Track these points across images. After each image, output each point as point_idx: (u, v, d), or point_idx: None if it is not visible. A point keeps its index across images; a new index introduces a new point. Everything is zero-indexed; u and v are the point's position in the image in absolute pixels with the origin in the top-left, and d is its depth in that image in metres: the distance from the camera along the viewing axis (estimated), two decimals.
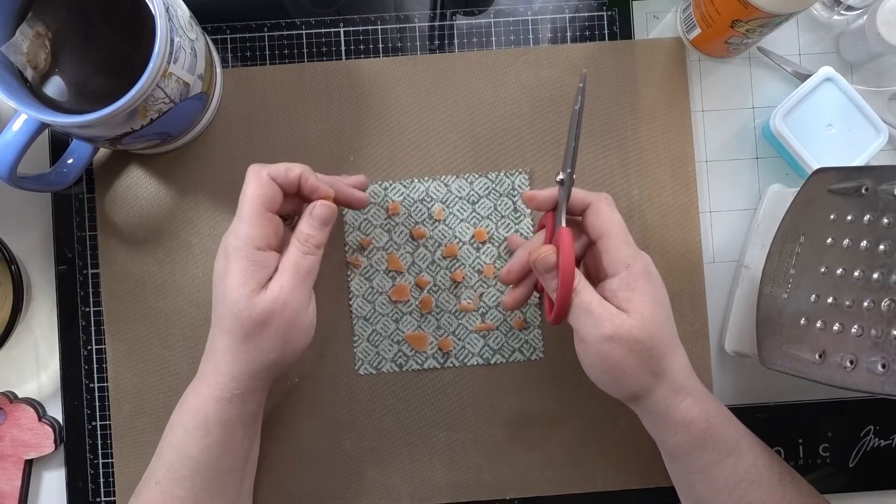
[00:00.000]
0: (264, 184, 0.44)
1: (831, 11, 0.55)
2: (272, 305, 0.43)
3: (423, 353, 0.54)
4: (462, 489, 0.54)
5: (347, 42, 0.56)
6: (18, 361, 0.54)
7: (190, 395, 0.46)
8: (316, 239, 0.45)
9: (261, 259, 0.44)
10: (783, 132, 0.52)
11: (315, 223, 0.46)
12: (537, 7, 0.56)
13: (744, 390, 0.55)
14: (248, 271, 0.43)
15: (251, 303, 0.43)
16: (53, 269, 0.54)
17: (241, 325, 0.43)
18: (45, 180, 0.50)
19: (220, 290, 0.44)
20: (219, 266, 0.45)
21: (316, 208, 0.46)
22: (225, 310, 0.43)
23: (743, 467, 0.44)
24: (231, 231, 0.44)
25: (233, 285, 0.43)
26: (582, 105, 0.45)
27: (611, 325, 0.42)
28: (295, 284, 0.44)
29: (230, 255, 0.44)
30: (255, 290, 0.43)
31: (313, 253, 0.45)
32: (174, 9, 0.44)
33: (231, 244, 0.44)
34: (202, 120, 0.53)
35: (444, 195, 0.55)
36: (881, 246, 0.41)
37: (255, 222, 0.44)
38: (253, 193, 0.44)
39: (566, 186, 0.45)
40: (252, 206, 0.44)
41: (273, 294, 0.43)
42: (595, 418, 0.54)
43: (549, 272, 0.44)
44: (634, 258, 0.45)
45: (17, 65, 0.44)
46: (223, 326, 0.44)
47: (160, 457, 0.45)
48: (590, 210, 0.46)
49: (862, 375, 0.39)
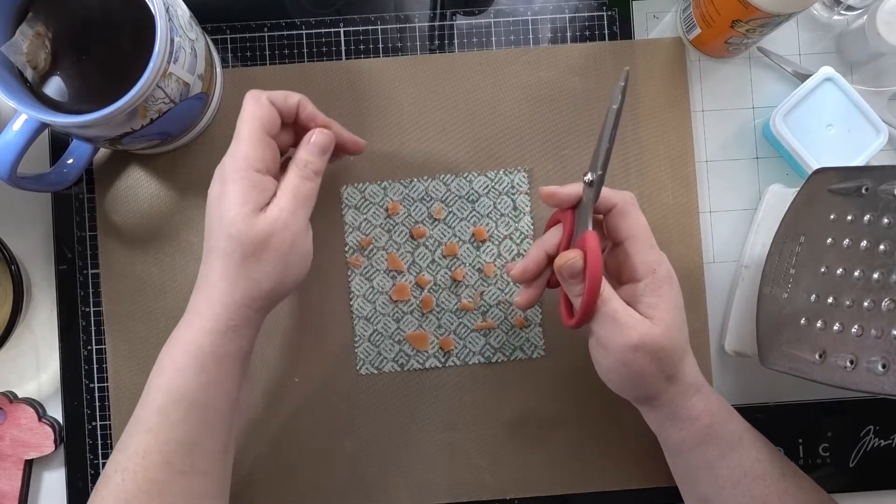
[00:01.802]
0: (264, 107, 0.43)
1: (831, 11, 0.55)
2: (272, 226, 0.41)
3: (424, 353, 0.54)
4: (462, 489, 0.54)
5: (347, 42, 0.56)
6: (18, 361, 0.54)
7: (181, 331, 0.43)
8: (314, 165, 0.44)
9: (260, 181, 0.42)
10: (783, 132, 0.52)
11: (314, 149, 0.45)
12: (537, 7, 0.56)
13: (744, 390, 0.55)
14: (247, 192, 0.41)
15: (250, 222, 0.41)
16: (53, 269, 0.54)
17: (240, 245, 0.41)
18: (45, 180, 0.50)
19: (215, 214, 0.42)
20: (213, 190, 0.43)
21: (314, 135, 0.45)
22: (221, 232, 0.41)
23: (747, 462, 0.45)
24: (228, 154, 0.43)
25: (231, 206, 0.41)
26: (622, 104, 0.42)
27: (637, 334, 0.42)
28: (295, 208, 0.43)
29: (227, 176, 0.42)
30: (254, 211, 0.41)
31: (312, 179, 0.44)
32: (174, 9, 0.44)
33: (228, 166, 0.42)
34: (202, 120, 0.53)
35: (444, 194, 0.55)
36: (881, 246, 0.41)
37: (254, 144, 0.42)
38: (252, 115, 0.43)
39: (595, 188, 0.44)
40: (251, 128, 0.43)
41: (273, 215, 0.42)
42: (595, 418, 0.54)
43: (574, 278, 0.43)
44: (659, 262, 0.44)
45: (17, 65, 0.44)
46: (218, 251, 0.42)
47: (148, 403, 0.42)
48: (616, 212, 0.45)
49: (862, 375, 0.39)
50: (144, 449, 0.41)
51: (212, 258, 0.42)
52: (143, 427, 0.41)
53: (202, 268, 0.43)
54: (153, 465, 0.40)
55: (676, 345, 0.43)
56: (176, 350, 0.42)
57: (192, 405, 0.41)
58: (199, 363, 0.41)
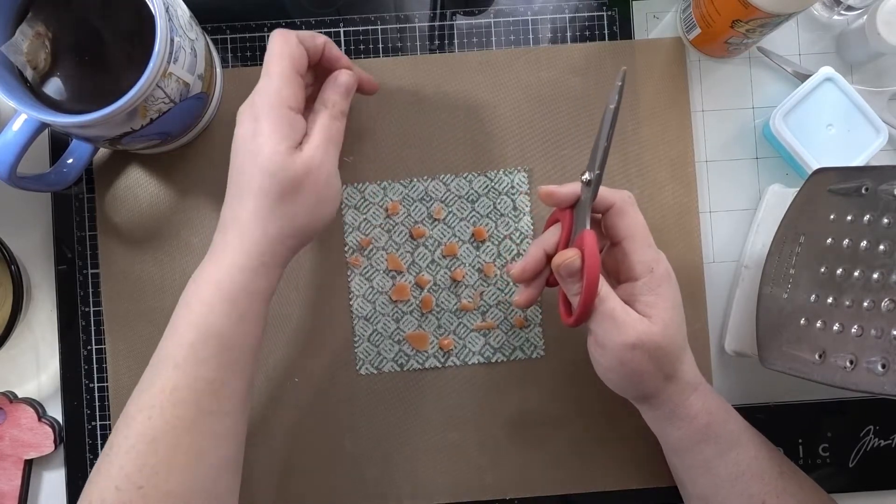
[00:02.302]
0: (293, 45, 0.43)
1: (831, 11, 0.55)
2: (309, 163, 0.42)
3: (423, 353, 0.54)
4: (462, 489, 0.54)
5: (347, 42, 0.56)
6: (18, 361, 0.54)
7: (208, 269, 0.42)
8: (341, 105, 0.45)
9: (293, 119, 0.42)
10: (783, 132, 0.52)
11: (340, 89, 0.45)
12: (537, 7, 0.56)
13: (744, 390, 0.55)
14: (282, 130, 0.41)
15: (289, 160, 0.41)
16: (53, 269, 0.54)
17: (279, 182, 0.41)
18: (45, 180, 0.50)
19: (249, 151, 0.42)
20: (244, 128, 0.42)
21: (341, 76, 0.45)
22: (256, 169, 0.41)
23: (744, 460, 0.45)
24: (258, 91, 0.43)
25: (267, 143, 0.41)
26: (619, 104, 0.42)
27: (634, 333, 0.42)
28: (327, 147, 0.43)
29: (260, 114, 0.42)
30: (290, 148, 0.41)
31: (339, 119, 0.45)
32: (174, 9, 0.44)
33: (261, 103, 0.42)
34: (202, 120, 0.53)
35: (444, 194, 0.55)
36: (881, 246, 0.41)
37: (286, 81, 0.42)
38: (282, 52, 0.43)
39: (593, 187, 0.44)
40: (282, 65, 0.42)
41: (309, 153, 0.42)
42: (595, 418, 0.54)
43: (572, 277, 0.43)
44: (657, 261, 0.44)
45: (17, 65, 0.44)
46: (253, 187, 0.41)
47: (175, 337, 0.41)
48: (614, 211, 0.45)
49: (862, 375, 0.39)
50: (173, 385, 0.40)
51: (243, 196, 0.42)
52: (170, 363, 0.41)
53: (229, 208, 0.43)
54: (181, 402, 0.40)
55: (674, 343, 0.44)
56: (205, 288, 0.42)
57: (222, 342, 0.41)
58: (230, 299, 0.41)
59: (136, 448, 0.39)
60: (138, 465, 0.39)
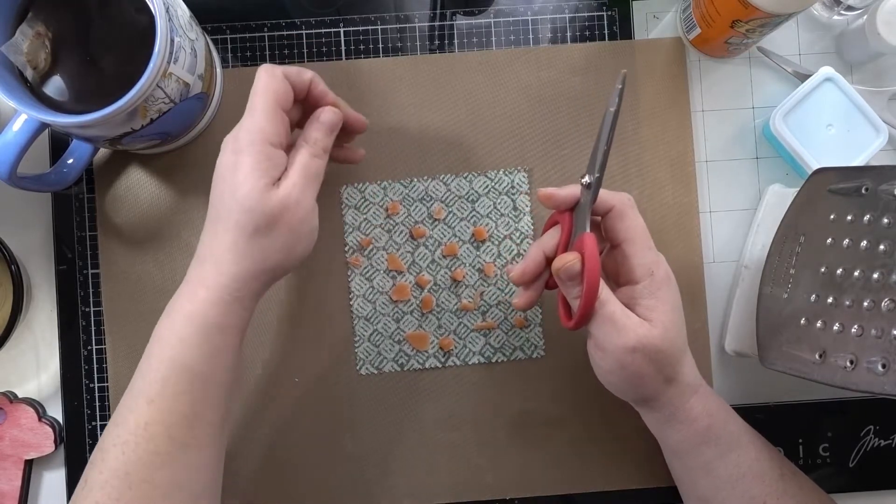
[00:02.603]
0: (279, 80, 0.43)
1: (831, 11, 0.55)
2: (285, 201, 0.42)
3: (424, 353, 0.54)
4: (462, 489, 0.54)
5: (347, 42, 0.56)
6: (18, 361, 0.54)
7: (181, 302, 0.42)
8: (323, 143, 0.45)
9: (274, 155, 0.42)
10: (783, 132, 0.52)
11: (323, 127, 0.45)
12: (537, 7, 0.56)
13: (744, 390, 0.55)
14: (262, 166, 0.41)
15: (265, 196, 0.41)
16: (53, 269, 0.54)
17: (253, 218, 0.41)
18: (45, 180, 0.50)
19: (227, 185, 0.42)
20: (225, 160, 0.42)
21: (324, 113, 0.45)
22: (234, 203, 0.41)
23: (745, 462, 0.45)
24: (242, 126, 0.42)
25: (246, 179, 0.41)
26: (619, 107, 0.42)
27: (635, 337, 0.42)
28: (305, 185, 0.43)
29: (243, 148, 0.42)
30: (268, 185, 0.41)
31: (321, 157, 0.44)
32: (174, 9, 0.44)
33: (244, 138, 0.42)
34: (202, 120, 0.53)
35: (444, 194, 0.55)
36: (881, 246, 0.41)
37: (269, 117, 0.42)
38: (267, 88, 0.43)
39: (593, 190, 0.44)
40: (266, 101, 0.42)
41: (286, 191, 0.42)
42: (596, 418, 0.54)
43: (572, 280, 0.43)
44: (657, 263, 0.44)
45: (17, 65, 0.44)
46: (229, 222, 0.42)
47: (149, 373, 0.41)
48: (614, 214, 0.45)
49: (862, 375, 0.39)
50: (146, 420, 0.40)
51: (219, 230, 0.42)
52: (143, 398, 0.41)
53: (206, 238, 0.43)
54: (155, 437, 0.40)
55: (674, 346, 0.44)
56: (178, 321, 0.42)
57: (195, 376, 0.41)
58: (203, 334, 0.41)
59: (109, 483, 0.40)
60: (113, 500, 0.39)
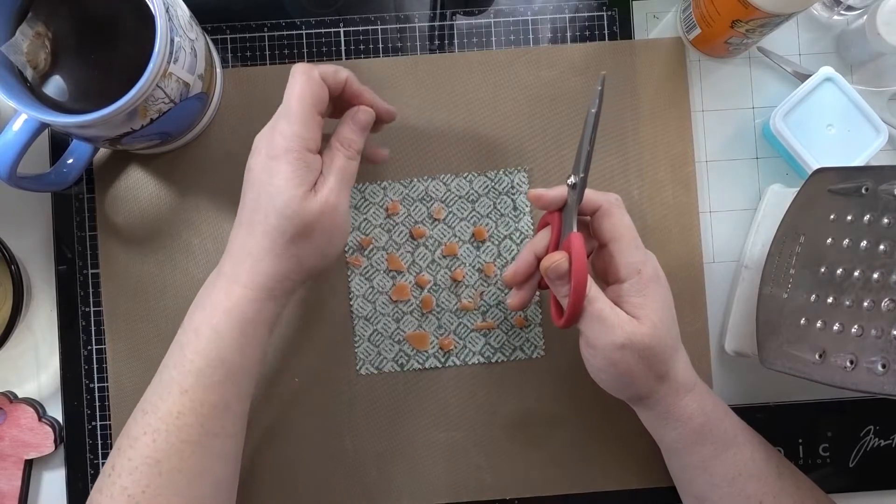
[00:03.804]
0: (315, 84, 0.43)
1: (831, 11, 0.55)
2: (323, 207, 0.42)
3: (424, 353, 0.54)
4: (462, 489, 0.54)
5: (347, 42, 0.56)
6: (18, 361, 0.54)
7: (218, 296, 0.43)
8: (357, 144, 0.45)
9: (311, 161, 0.43)
10: (783, 132, 0.52)
11: (357, 128, 0.45)
12: (537, 7, 0.56)
13: (744, 390, 0.55)
14: (300, 173, 0.42)
15: (305, 204, 0.42)
16: (53, 269, 0.54)
17: (293, 224, 0.42)
18: (45, 180, 0.50)
19: (264, 188, 0.42)
20: (259, 163, 0.43)
21: (359, 113, 0.46)
22: (272, 209, 0.42)
23: (741, 461, 0.45)
24: (277, 130, 0.43)
25: (286, 185, 0.42)
26: (599, 108, 0.43)
27: (623, 334, 0.42)
28: (341, 188, 0.44)
29: (280, 155, 0.42)
30: (307, 192, 0.42)
31: (355, 158, 0.45)
32: (174, 9, 0.44)
33: (280, 144, 0.42)
34: (202, 120, 0.53)
35: (444, 194, 0.55)
36: (881, 246, 0.41)
37: (306, 123, 0.43)
38: (304, 92, 0.43)
39: (578, 190, 0.44)
40: (304, 106, 0.43)
41: (324, 197, 0.43)
42: (595, 418, 0.54)
43: (560, 279, 0.44)
44: (644, 262, 0.44)
45: (17, 65, 0.44)
46: (268, 225, 0.42)
47: (183, 364, 0.42)
48: (600, 213, 0.45)
49: (862, 375, 0.39)
50: (179, 410, 0.41)
51: (256, 231, 0.43)
52: (177, 388, 0.42)
53: (240, 236, 0.44)
54: (187, 426, 0.41)
55: (664, 344, 0.44)
56: (215, 315, 0.43)
57: (229, 368, 0.42)
58: (238, 328, 0.42)
59: (139, 469, 0.41)
60: (141, 487, 0.40)
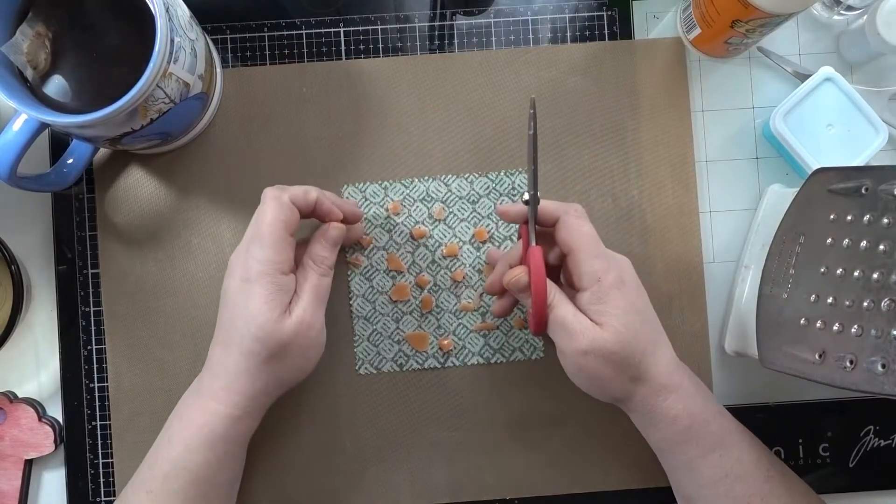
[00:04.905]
0: (286, 209, 0.45)
1: (831, 11, 0.55)
2: (297, 328, 0.44)
3: (423, 353, 0.54)
4: (462, 489, 0.54)
5: (347, 42, 0.56)
6: (18, 361, 0.54)
7: (193, 409, 0.46)
8: (329, 260, 0.47)
9: (284, 283, 0.45)
10: (783, 132, 0.52)
11: (329, 245, 0.47)
12: (537, 7, 0.56)
13: (744, 390, 0.55)
14: (273, 296, 0.44)
15: (278, 327, 0.44)
16: (53, 269, 0.54)
17: (267, 347, 0.44)
18: (45, 180, 0.50)
19: (239, 311, 0.44)
20: (234, 285, 0.45)
21: (330, 230, 0.47)
22: (248, 332, 0.44)
23: (727, 463, 0.45)
24: (251, 254, 0.44)
25: (260, 309, 0.43)
26: (535, 130, 0.44)
27: (584, 340, 0.43)
28: (315, 307, 0.46)
29: (254, 279, 0.44)
30: (281, 315, 0.44)
31: (327, 274, 0.47)
32: (174, 9, 0.44)
33: (254, 269, 0.44)
34: (202, 120, 0.53)
35: (445, 195, 0.55)
36: (881, 246, 0.41)
37: (278, 247, 0.44)
38: (275, 218, 0.45)
39: (531, 206, 0.45)
40: (275, 232, 0.44)
41: (297, 318, 0.44)
42: (595, 418, 0.54)
43: (522, 292, 0.45)
44: (606, 270, 0.44)
45: (17, 65, 0.44)
46: (243, 347, 0.44)
47: (155, 467, 0.45)
48: (559, 224, 0.46)
49: (862, 375, 0.39)
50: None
51: (232, 351, 0.45)
52: (143, 489, 0.45)
53: (218, 354, 0.46)
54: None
55: (630, 348, 0.44)
56: (189, 429, 0.45)
57: (195, 478, 0.45)
58: (208, 444, 0.45)
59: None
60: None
